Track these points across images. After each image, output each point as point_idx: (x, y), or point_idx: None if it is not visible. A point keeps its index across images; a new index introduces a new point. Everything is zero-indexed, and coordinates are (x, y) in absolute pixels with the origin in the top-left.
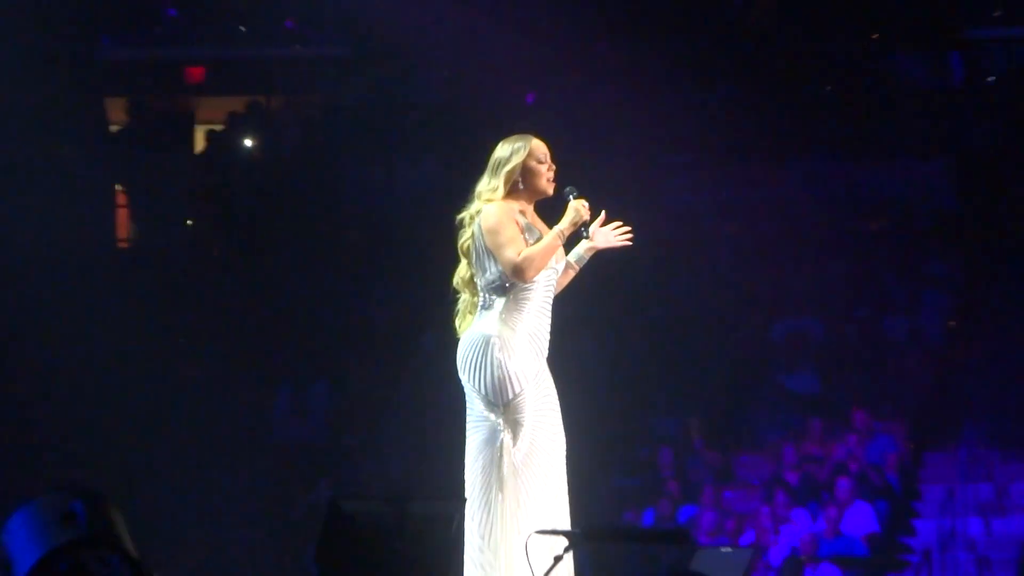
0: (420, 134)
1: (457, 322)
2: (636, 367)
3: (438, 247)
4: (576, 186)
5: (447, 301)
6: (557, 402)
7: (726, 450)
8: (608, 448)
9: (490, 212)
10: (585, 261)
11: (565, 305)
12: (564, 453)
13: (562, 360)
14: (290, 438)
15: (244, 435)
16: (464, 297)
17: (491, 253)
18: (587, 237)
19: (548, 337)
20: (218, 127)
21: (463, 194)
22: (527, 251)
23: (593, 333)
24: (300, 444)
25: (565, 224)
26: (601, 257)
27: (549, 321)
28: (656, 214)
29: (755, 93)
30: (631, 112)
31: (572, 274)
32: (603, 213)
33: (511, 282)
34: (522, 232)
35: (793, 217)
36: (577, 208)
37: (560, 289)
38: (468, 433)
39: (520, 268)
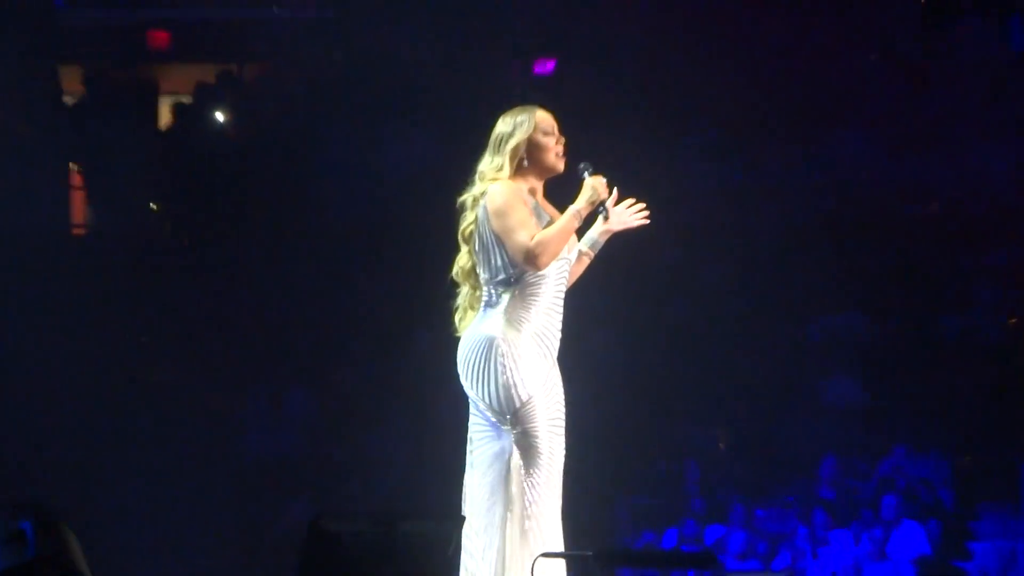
0: (413, 107)
1: (456, 319)
2: (656, 370)
3: (434, 233)
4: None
5: (444, 295)
6: (564, 410)
7: (758, 463)
8: (625, 461)
9: (497, 192)
10: (600, 247)
11: (577, 299)
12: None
13: (573, 361)
14: (265, 450)
15: (213, 447)
16: (464, 291)
17: (498, 239)
18: (606, 218)
19: (559, 336)
20: (185, 99)
21: (461, 173)
22: (541, 235)
23: (607, 331)
24: (276, 457)
25: (581, 203)
26: (617, 246)
27: (560, 318)
28: (679, 199)
29: (791, 64)
30: (651, 83)
31: (586, 262)
32: (615, 190)
33: (520, 272)
34: (532, 215)
35: (834, 202)
36: (594, 185)
37: (573, 280)
38: (472, 444)
39: (533, 254)
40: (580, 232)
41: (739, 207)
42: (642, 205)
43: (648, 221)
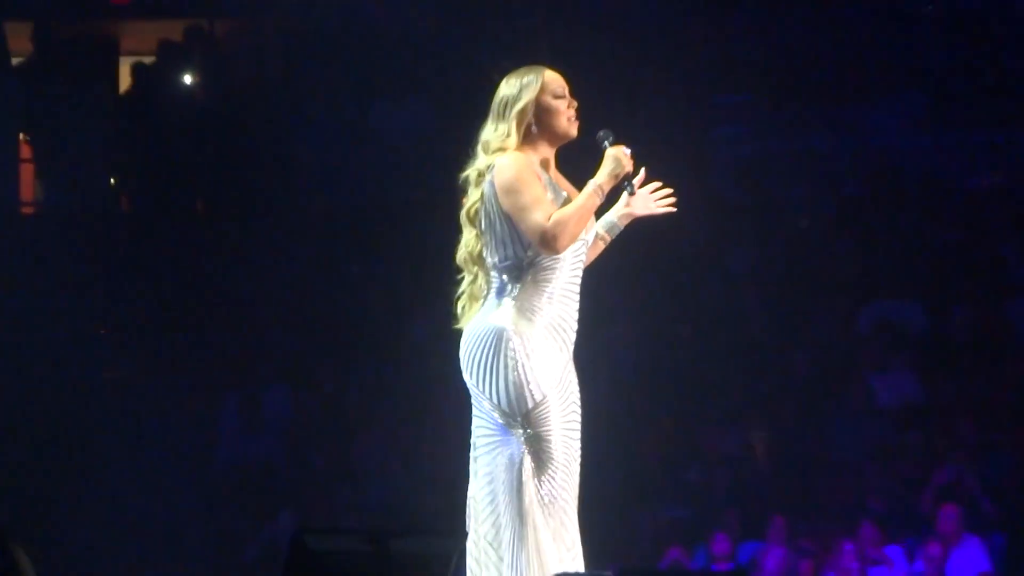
0: (407, 69)
1: (459, 309)
2: (682, 365)
3: (431, 212)
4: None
5: (443, 282)
6: (580, 411)
7: (799, 470)
8: (648, 468)
9: (505, 166)
10: (619, 231)
11: (592, 285)
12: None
13: (588, 355)
14: (242, 457)
15: (182, 453)
16: (468, 277)
17: (509, 219)
18: (631, 193)
19: (575, 327)
20: (148, 60)
21: (462, 143)
22: (559, 214)
23: (629, 321)
24: (255, 465)
25: (603, 177)
26: (637, 224)
27: (577, 306)
28: (709, 170)
29: (836, 13)
30: (675, 37)
31: (602, 247)
32: (643, 171)
33: (534, 256)
34: (546, 190)
35: (886, 172)
36: (617, 156)
37: (588, 263)
38: (476, 451)
39: (551, 235)
40: (600, 211)
41: (776, 179)
42: (669, 191)
43: (675, 209)
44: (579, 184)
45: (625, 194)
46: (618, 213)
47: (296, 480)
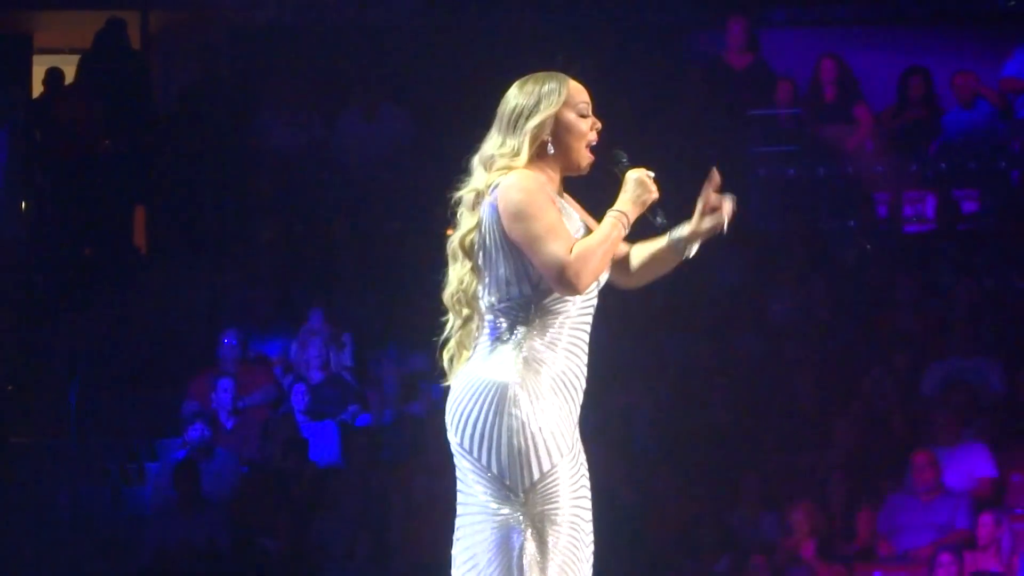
0: (378, 73)
1: (445, 360)
2: (712, 435)
3: (406, 245)
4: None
5: (419, 326)
6: (589, 485)
7: (851, 560)
8: (669, 559)
9: (513, 186)
10: (687, 253)
11: (604, 338)
12: None
13: (597, 423)
14: (175, 540)
15: (103, 535)
16: (458, 321)
17: (514, 251)
18: (663, 225)
19: (584, 384)
20: (69, 60)
21: (446, 163)
22: (581, 245)
23: (645, 382)
24: (191, 549)
25: (627, 205)
26: None
27: (586, 360)
28: (744, 196)
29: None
30: (701, 38)
31: (668, 265)
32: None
33: (542, 297)
34: (561, 216)
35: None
36: (642, 180)
37: (648, 279)
38: (463, 529)
39: (572, 272)
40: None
41: (824, 207)
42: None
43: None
44: (586, 205)
45: (656, 222)
46: (681, 233)
47: (242, 568)
